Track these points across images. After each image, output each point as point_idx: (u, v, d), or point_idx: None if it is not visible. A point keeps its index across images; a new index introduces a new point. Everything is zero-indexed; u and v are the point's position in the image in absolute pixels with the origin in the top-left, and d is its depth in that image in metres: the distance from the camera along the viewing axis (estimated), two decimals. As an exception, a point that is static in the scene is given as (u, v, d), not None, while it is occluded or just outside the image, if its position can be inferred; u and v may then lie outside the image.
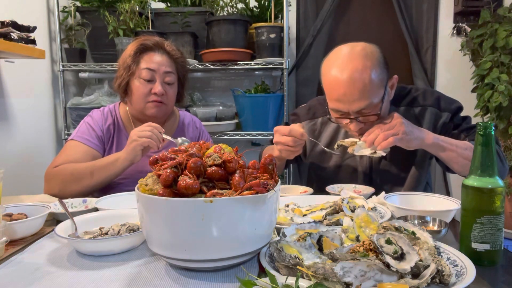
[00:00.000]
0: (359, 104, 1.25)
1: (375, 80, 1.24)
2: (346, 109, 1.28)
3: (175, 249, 0.74)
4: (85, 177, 1.34)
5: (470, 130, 1.38)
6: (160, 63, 1.46)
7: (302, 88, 2.84)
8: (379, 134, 1.19)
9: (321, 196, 1.24)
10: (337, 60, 1.28)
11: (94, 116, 1.54)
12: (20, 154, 2.18)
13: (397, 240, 0.74)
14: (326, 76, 1.30)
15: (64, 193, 1.34)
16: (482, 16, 2.40)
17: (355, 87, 1.23)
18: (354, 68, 1.23)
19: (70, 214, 0.98)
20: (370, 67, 1.23)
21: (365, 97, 1.24)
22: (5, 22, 1.64)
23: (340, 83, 1.24)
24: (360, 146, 1.24)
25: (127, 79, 1.46)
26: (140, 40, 1.49)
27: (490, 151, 0.81)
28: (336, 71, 1.25)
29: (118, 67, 1.51)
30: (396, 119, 1.21)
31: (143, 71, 1.44)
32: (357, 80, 1.22)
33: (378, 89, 1.26)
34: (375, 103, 1.27)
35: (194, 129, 1.69)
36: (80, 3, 2.55)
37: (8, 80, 2.09)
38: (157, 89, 1.44)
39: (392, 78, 1.35)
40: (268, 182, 0.76)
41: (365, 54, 1.25)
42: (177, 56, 1.52)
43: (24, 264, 0.83)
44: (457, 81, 2.73)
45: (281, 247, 0.75)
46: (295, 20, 2.83)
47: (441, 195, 1.15)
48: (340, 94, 1.25)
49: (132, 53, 1.46)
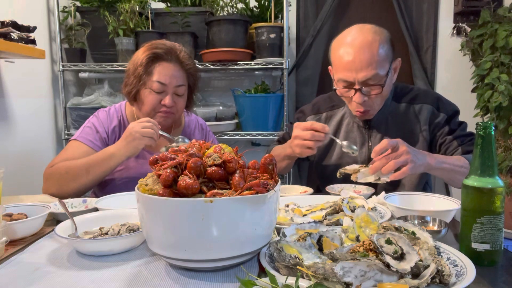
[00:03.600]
0: (366, 73, 1.30)
1: (382, 53, 1.32)
2: (352, 78, 1.32)
3: (175, 249, 0.74)
4: (81, 175, 1.33)
5: (465, 138, 1.40)
6: (172, 76, 1.43)
7: (302, 88, 2.84)
8: (386, 162, 1.17)
9: (321, 196, 1.24)
10: (348, 34, 1.36)
11: (100, 116, 1.52)
12: (20, 154, 2.18)
13: (397, 240, 0.74)
14: (336, 48, 1.38)
15: (62, 191, 1.34)
16: (482, 16, 2.39)
17: (364, 55, 1.30)
18: (365, 39, 1.32)
19: (70, 214, 0.98)
20: (379, 41, 1.32)
21: (372, 67, 1.30)
22: (5, 22, 1.64)
23: (350, 52, 1.32)
24: (363, 173, 1.23)
25: (138, 88, 1.44)
26: (153, 46, 1.44)
27: (490, 151, 0.81)
28: (347, 41, 1.34)
29: (127, 73, 1.47)
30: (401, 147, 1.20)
31: (154, 84, 1.41)
32: (366, 50, 1.30)
33: (384, 62, 1.33)
34: (380, 76, 1.32)
35: (200, 131, 1.68)
36: (80, 3, 2.55)
37: (8, 80, 2.09)
38: (167, 102, 1.42)
39: (396, 60, 1.41)
40: (268, 182, 0.76)
41: (374, 30, 1.35)
42: (189, 66, 1.49)
43: (24, 264, 0.83)
44: (457, 81, 2.73)
45: (281, 247, 0.75)
46: (295, 20, 2.83)
47: (441, 195, 1.15)
48: (349, 61, 1.31)
49: (144, 62, 1.41)
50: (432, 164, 1.23)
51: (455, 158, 1.31)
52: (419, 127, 1.45)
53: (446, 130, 1.42)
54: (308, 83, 2.83)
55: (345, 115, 1.55)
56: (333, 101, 1.60)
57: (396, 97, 1.49)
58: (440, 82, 2.79)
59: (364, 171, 1.24)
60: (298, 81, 2.83)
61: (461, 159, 1.30)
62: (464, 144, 1.38)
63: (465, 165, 1.28)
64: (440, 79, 2.79)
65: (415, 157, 1.17)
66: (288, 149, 1.39)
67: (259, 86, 2.56)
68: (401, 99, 1.49)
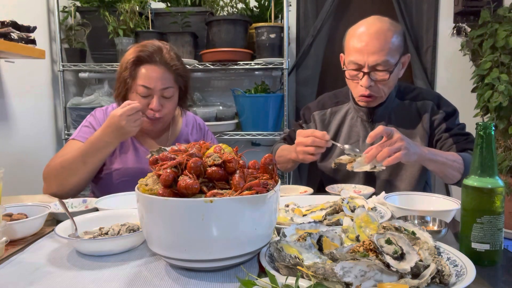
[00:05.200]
0: (377, 58, 1.35)
1: (395, 42, 1.37)
2: (363, 61, 1.36)
3: (175, 249, 0.74)
4: (78, 166, 1.32)
5: (461, 137, 1.42)
6: (156, 78, 1.38)
7: (302, 88, 2.84)
8: (380, 150, 1.18)
9: (321, 196, 1.24)
10: (365, 22, 1.42)
11: (97, 115, 1.52)
12: (20, 154, 2.19)
13: (397, 240, 0.74)
14: (352, 33, 1.43)
15: (63, 188, 1.34)
16: (482, 16, 2.39)
17: (377, 41, 1.35)
18: (380, 26, 1.38)
19: (70, 214, 0.98)
20: (394, 31, 1.38)
21: (384, 53, 1.34)
22: (5, 22, 1.64)
23: (365, 36, 1.37)
24: (359, 162, 1.24)
25: (124, 92, 1.42)
26: (136, 50, 1.41)
27: (490, 151, 0.81)
28: (364, 27, 1.40)
29: (116, 77, 1.46)
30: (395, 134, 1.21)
31: (139, 87, 1.38)
32: (381, 36, 1.35)
33: (395, 52, 1.38)
34: (390, 63, 1.36)
35: (198, 131, 1.67)
36: (80, 3, 2.55)
37: (8, 80, 2.09)
38: (153, 105, 1.39)
39: (405, 55, 1.45)
40: (268, 182, 0.76)
41: (391, 22, 1.41)
42: (177, 67, 1.43)
43: (24, 264, 0.83)
44: (457, 81, 2.73)
45: (281, 247, 0.75)
46: (295, 20, 2.83)
47: (441, 195, 1.15)
48: (363, 44, 1.36)
49: (129, 66, 1.38)
50: (425, 154, 1.25)
51: (449, 153, 1.34)
52: (421, 124, 1.48)
53: (443, 128, 1.45)
54: (308, 83, 2.83)
55: (349, 111, 1.57)
56: (338, 97, 1.63)
57: (399, 95, 1.53)
58: (440, 82, 2.79)
59: (359, 160, 1.24)
60: (298, 81, 2.83)
61: (455, 154, 1.33)
62: (459, 142, 1.40)
63: (458, 161, 1.30)
64: (440, 79, 2.79)
65: (408, 145, 1.19)
66: (293, 153, 1.42)
67: (259, 86, 2.56)
68: (405, 96, 1.53)
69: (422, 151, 1.24)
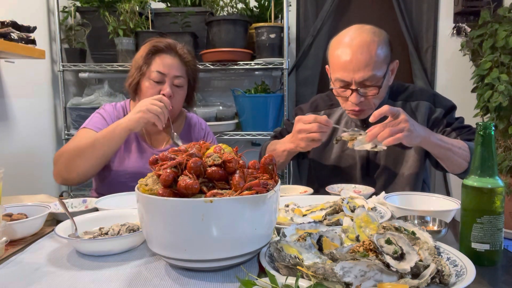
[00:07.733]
0: (363, 74, 1.30)
1: (380, 55, 1.32)
2: (349, 78, 1.32)
3: (175, 249, 0.74)
4: (87, 150, 1.35)
5: (462, 129, 1.40)
6: (170, 66, 1.47)
7: (302, 88, 2.84)
8: (383, 129, 1.18)
9: (321, 196, 1.24)
10: (347, 34, 1.36)
11: (107, 109, 1.57)
12: (20, 154, 2.18)
13: (397, 240, 0.74)
14: (334, 47, 1.37)
15: (71, 170, 1.36)
16: (482, 16, 2.39)
17: (362, 56, 1.30)
18: (363, 39, 1.31)
19: (70, 214, 0.98)
20: (377, 42, 1.32)
21: (370, 68, 1.30)
22: (5, 22, 1.64)
23: (348, 51, 1.31)
24: (360, 140, 1.23)
25: (138, 79, 1.48)
26: (153, 41, 1.51)
27: (490, 151, 0.81)
28: (346, 41, 1.34)
29: (130, 67, 1.54)
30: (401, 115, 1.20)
31: (153, 73, 1.46)
32: (364, 50, 1.30)
33: (382, 64, 1.33)
34: (377, 77, 1.32)
35: (199, 130, 1.70)
36: (80, 3, 2.55)
37: (8, 80, 2.09)
38: (165, 91, 1.45)
39: (393, 62, 1.41)
40: (268, 182, 0.76)
41: (373, 31, 1.35)
42: (188, 59, 1.53)
43: (24, 264, 0.83)
44: (457, 81, 2.73)
45: (281, 247, 0.75)
46: (295, 20, 2.83)
47: (441, 195, 1.15)
48: (347, 61, 1.31)
49: (144, 54, 1.47)
50: (429, 138, 1.23)
51: (455, 140, 1.32)
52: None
53: (444, 123, 1.43)
54: (308, 83, 2.83)
55: (343, 114, 1.56)
56: (332, 100, 1.60)
57: (392, 96, 1.50)
58: (440, 82, 2.79)
59: (361, 139, 1.24)
60: (298, 81, 2.83)
61: (461, 142, 1.31)
62: (462, 134, 1.38)
63: (464, 148, 1.28)
64: (440, 79, 2.79)
65: (413, 127, 1.18)
66: (289, 144, 1.38)
67: (259, 86, 2.56)
68: (397, 97, 1.50)
69: (427, 135, 1.22)
